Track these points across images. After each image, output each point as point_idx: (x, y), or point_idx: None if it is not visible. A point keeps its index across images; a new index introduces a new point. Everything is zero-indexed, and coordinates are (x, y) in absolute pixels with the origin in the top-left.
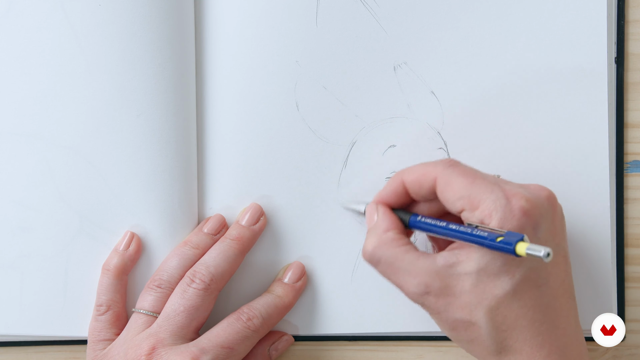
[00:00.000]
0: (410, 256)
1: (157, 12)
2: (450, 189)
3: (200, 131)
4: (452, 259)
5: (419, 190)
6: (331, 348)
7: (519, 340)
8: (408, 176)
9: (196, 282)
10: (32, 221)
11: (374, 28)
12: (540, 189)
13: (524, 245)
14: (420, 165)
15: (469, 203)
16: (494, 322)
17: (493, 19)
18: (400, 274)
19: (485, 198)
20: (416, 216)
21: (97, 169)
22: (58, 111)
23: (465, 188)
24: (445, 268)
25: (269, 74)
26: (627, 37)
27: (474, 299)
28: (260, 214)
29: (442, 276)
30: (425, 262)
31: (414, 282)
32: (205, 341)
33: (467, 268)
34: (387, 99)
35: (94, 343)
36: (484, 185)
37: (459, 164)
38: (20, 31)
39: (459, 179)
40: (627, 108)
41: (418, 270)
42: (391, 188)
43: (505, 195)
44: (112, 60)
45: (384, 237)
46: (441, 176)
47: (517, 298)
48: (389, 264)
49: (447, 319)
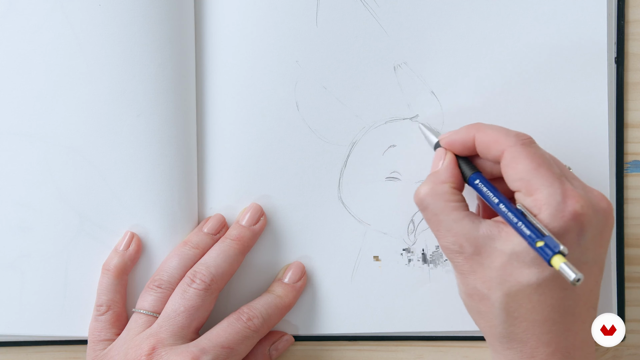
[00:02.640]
0: (456, 214)
1: (157, 12)
2: (514, 167)
3: (200, 131)
4: (494, 231)
5: (485, 154)
6: (331, 348)
7: (527, 331)
8: (480, 136)
9: (197, 282)
10: (32, 221)
11: (374, 28)
12: (601, 199)
13: (560, 259)
14: (495, 130)
15: (526, 187)
16: (508, 306)
17: (493, 19)
18: (441, 227)
19: (543, 189)
20: (475, 178)
21: (97, 169)
22: (58, 111)
23: (527, 172)
24: (484, 238)
25: (269, 74)
26: (627, 37)
27: (498, 278)
28: (260, 214)
29: (478, 244)
30: (468, 225)
31: (451, 239)
32: (206, 341)
33: (503, 247)
34: (387, 99)
35: (94, 343)
36: (546, 176)
37: (532, 144)
38: (20, 31)
39: (525, 160)
40: (627, 108)
41: (458, 230)
42: (462, 138)
43: (563, 192)
44: (112, 60)
45: (438, 188)
46: (509, 151)
47: (538, 292)
48: (434, 214)
49: (467, 283)
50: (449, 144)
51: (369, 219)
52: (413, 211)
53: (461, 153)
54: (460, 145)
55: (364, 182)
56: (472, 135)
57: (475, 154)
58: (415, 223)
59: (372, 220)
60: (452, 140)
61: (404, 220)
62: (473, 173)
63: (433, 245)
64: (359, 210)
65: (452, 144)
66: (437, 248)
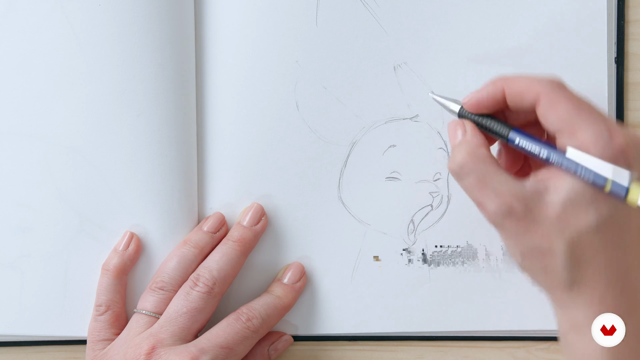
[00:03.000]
0: (501, 176)
1: (157, 12)
2: (555, 110)
3: (200, 131)
4: (541, 186)
5: (518, 103)
6: (331, 348)
7: (594, 275)
8: (511, 86)
9: (200, 285)
10: (32, 221)
11: (374, 28)
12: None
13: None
14: (524, 78)
15: (570, 128)
16: (573, 254)
17: (493, 19)
18: (487, 191)
19: (588, 127)
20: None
21: (97, 169)
22: (58, 111)
23: (569, 112)
24: (533, 194)
25: (269, 74)
26: (627, 37)
27: (557, 229)
28: (261, 214)
29: (528, 201)
30: (515, 185)
31: (498, 201)
32: (205, 341)
33: (555, 198)
34: (387, 99)
35: (94, 343)
36: (590, 114)
37: (565, 86)
38: (20, 31)
39: (566, 102)
40: (627, 108)
41: (505, 191)
42: (490, 93)
43: (609, 129)
44: (112, 61)
45: (478, 152)
46: (546, 94)
47: (599, 234)
48: (479, 179)
49: (523, 244)
50: (476, 104)
51: (369, 219)
52: (413, 211)
53: (488, 110)
54: (489, 101)
55: (364, 182)
56: (501, 88)
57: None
58: (415, 223)
59: (372, 220)
60: (480, 98)
61: (404, 220)
62: (512, 129)
63: (433, 245)
64: (359, 210)
65: (480, 103)
66: (436, 247)
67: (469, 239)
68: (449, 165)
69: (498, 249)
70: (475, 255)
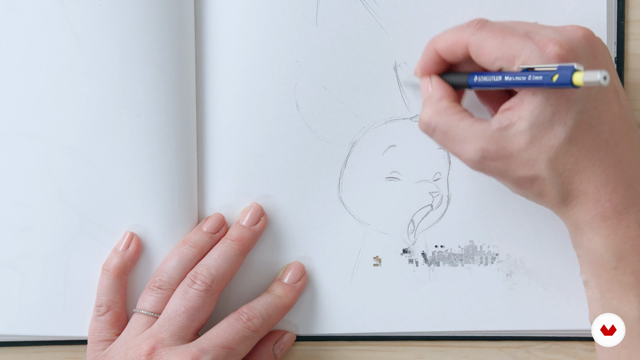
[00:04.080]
0: (465, 123)
1: (157, 12)
2: (484, 52)
3: (200, 131)
4: (505, 121)
5: (454, 57)
6: (331, 348)
7: (582, 182)
8: (440, 44)
9: (197, 283)
10: (32, 221)
11: (374, 28)
12: (576, 29)
13: (579, 74)
14: (449, 32)
15: (505, 61)
16: (556, 171)
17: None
18: (457, 141)
19: (519, 53)
20: (472, 76)
21: (97, 169)
22: (58, 111)
23: (497, 49)
24: (500, 131)
25: (269, 73)
26: (627, 37)
27: (533, 154)
28: (260, 214)
29: (497, 139)
30: (480, 127)
31: (471, 147)
32: (205, 341)
33: (520, 127)
34: (387, 99)
35: (94, 343)
36: (514, 41)
37: (486, 23)
38: (20, 31)
39: (490, 40)
40: None
41: (473, 136)
42: (427, 58)
43: (538, 45)
44: (112, 61)
45: (439, 106)
46: (472, 41)
47: (573, 143)
48: (445, 132)
49: (511, 178)
50: (422, 69)
51: (369, 219)
52: (413, 211)
53: (437, 70)
54: (431, 64)
55: (364, 182)
56: (433, 49)
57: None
58: (415, 223)
59: (372, 220)
60: (423, 64)
61: (404, 220)
62: (469, 74)
63: (433, 245)
64: (359, 210)
65: (425, 67)
66: (436, 247)
67: (469, 239)
68: (418, 124)
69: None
70: (475, 255)
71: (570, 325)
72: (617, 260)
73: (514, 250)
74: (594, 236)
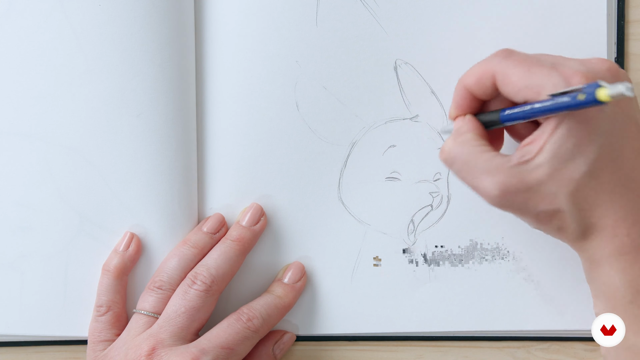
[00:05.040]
0: (485, 156)
1: (157, 12)
2: (510, 81)
3: (200, 131)
4: (526, 154)
5: (483, 91)
6: (331, 348)
7: (601, 216)
8: (468, 80)
9: (197, 283)
10: (32, 221)
11: (374, 28)
12: (601, 62)
13: (604, 90)
14: (476, 65)
15: (531, 92)
16: (577, 205)
17: (493, 19)
18: (476, 173)
19: (545, 84)
20: (504, 110)
21: (97, 169)
22: (58, 111)
23: (522, 79)
24: (520, 165)
25: (269, 74)
26: (627, 37)
27: (553, 188)
28: (260, 214)
29: (517, 172)
30: (501, 160)
31: (491, 181)
32: (205, 342)
33: (541, 159)
34: (387, 99)
35: (94, 344)
36: (541, 72)
37: (512, 53)
38: (20, 31)
39: (515, 70)
40: None
41: (493, 169)
42: (458, 97)
43: (564, 76)
44: (112, 60)
45: (461, 138)
46: (498, 70)
47: (594, 177)
48: (464, 163)
49: (531, 213)
50: (456, 108)
51: (369, 219)
52: (413, 211)
53: (472, 109)
54: (463, 103)
55: (364, 182)
56: (463, 87)
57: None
58: (415, 223)
59: (372, 220)
60: (455, 104)
61: (404, 220)
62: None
63: (433, 245)
64: (358, 211)
65: (458, 107)
66: (436, 247)
67: (469, 239)
68: (439, 155)
69: (498, 249)
70: (475, 255)
71: (570, 325)
72: (634, 294)
73: (514, 251)
74: (610, 270)
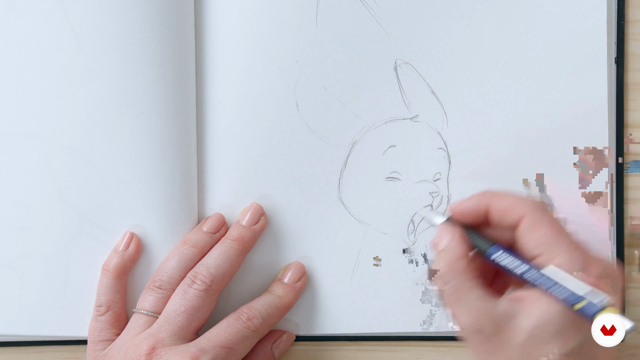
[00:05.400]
0: (474, 293)
1: (157, 12)
2: (536, 232)
3: (200, 131)
4: (513, 308)
5: (501, 220)
6: (331, 348)
7: None
8: (497, 203)
9: (197, 283)
10: (32, 221)
11: (374, 28)
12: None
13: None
14: (510, 196)
15: (548, 252)
16: None
17: (493, 19)
18: (460, 305)
19: (566, 256)
20: (497, 249)
21: (97, 169)
22: (58, 111)
23: (550, 237)
24: (503, 315)
25: (269, 74)
26: (627, 37)
27: (520, 355)
28: (260, 214)
29: (497, 322)
30: (487, 303)
31: (469, 318)
32: (205, 341)
33: (524, 323)
34: (387, 99)
35: (94, 343)
36: (568, 243)
37: (548, 209)
38: (20, 31)
39: (548, 226)
40: (627, 108)
41: (477, 309)
42: (474, 207)
43: (585, 259)
44: (112, 60)
45: (456, 265)
46: (530, 216)
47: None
48: (452, 292)
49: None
50: (461, 213)
51: (369, 219)
52: (413, 211)
53: (471, 222)
54: (473, 214)
55: (364, 182)
56: (486, 203)
57: (483, 222)
58: (415, 223)
59: (372, 220)
60: (465, 208)
61: (404, 220)
62: (492, 245)
63: None
64: (359, 210)
65: (465, 213)
66: None
67: None
68: (428, 274)
69: None
70: None
71: None
72: None
73: None
74: None
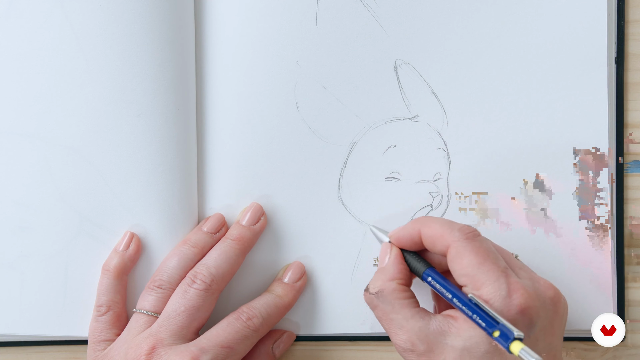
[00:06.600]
0: (406, 312)
1: (157, 12)
2: (459, 262)
3: (200, 131)
4: (444, 327)
5: (431, 247)
6: (331, 348)
7: None
8: (426, 231)
9: (197, 282)
10: (32, 221)
11: (374, 28)
12: (548, 288)
13: (518, 345)
14: (440, 224)
15: (472, 282)
16: None
17: (493, 19)
18: (393, 324)
19: (489, 284)
20: (428, 274)
21: (97, 169)
22: (58, 111)
23: (472, 267)
24: (435, 334)
25: (269, 74)
26: (627, 37)
27: None
28: (260, 214)
29: (429, 340)
30: (419, 322)
31: (403, 337)
32: (205, 341)
33: (454, 342)
34: (387, 99)
35: (95, 344)
36: (491, 271)
37: (476, 237)
38: (20, 31)
39: (470, 256)
40: (627, 108)
41: (409, 328)
42: (408, 233)
43: (508, 288)
44: (112, 61)
45: (387, 285)
46: (454, 246)
47: None
48: (385, 312)
49: None
50: (397, 240)
51: (369, 219)
52: (413, 211)
53: (410, 248)
54: (408, 241)
55: (364, 182)
56: (418, 230)
57: (422, 247)
58: None
59: (372, 220)
60: (400, 236)
61: (404, 220)
62: (426, 269)
63: None
64: (359, 211)
65: (400, 240)
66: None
67: None
68: (363, 295)
69: None
70: None
71: (570, 325)
72: None
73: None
74: None
